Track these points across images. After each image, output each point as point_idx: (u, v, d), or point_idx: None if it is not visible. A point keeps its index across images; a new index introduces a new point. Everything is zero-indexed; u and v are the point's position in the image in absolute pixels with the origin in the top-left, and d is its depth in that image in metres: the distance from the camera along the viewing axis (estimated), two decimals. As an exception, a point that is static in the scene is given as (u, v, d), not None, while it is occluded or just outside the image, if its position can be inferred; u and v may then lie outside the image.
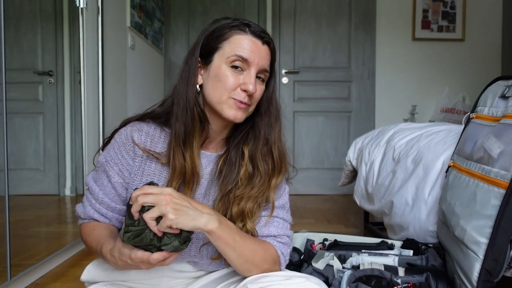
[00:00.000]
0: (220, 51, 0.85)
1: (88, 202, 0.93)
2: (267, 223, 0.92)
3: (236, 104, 0.84)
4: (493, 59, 3.75)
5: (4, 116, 1.43)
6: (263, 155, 0.91)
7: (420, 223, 1.48)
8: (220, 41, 0.85)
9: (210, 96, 0.86)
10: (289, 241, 0.95)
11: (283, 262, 0.91)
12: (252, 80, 0.84)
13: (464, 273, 1.01)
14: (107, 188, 0.91)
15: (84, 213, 0.93)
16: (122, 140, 0.91)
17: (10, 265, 1.44)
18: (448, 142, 1.53)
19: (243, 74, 0.85)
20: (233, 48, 0.84)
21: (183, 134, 0.85)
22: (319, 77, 3.73)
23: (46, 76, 1.98)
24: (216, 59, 0.86)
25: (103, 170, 0.92)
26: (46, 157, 1.99)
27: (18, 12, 1.74)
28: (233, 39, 0.85)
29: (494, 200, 0.93)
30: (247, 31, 0.85)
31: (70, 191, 2.17)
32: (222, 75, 0.84)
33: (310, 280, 0.81)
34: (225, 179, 0.90)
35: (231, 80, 0.84)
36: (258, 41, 0.86)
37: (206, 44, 0.87)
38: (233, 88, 0.84)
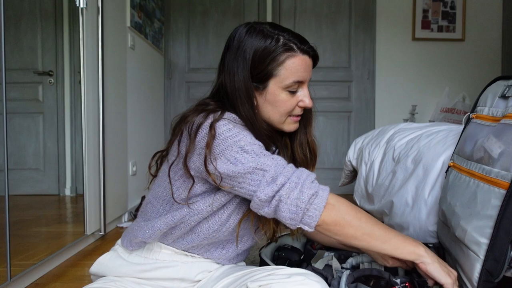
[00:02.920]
0: (276, 77, 0.88)
1: (282, 167, 0.80)
2: None
3: (294, 119, 0.93)
4: (493, 59, 3.75)
5: (4, 116, 1.43)
6: (302, 146, 0.99)
7: (420, 223, 1.48)
8: (274, 67, 0.87)
9: (269, 117, 0.92)
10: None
11: None
12: (307, 94, 0.91)
13: (465, 273, 1.01)
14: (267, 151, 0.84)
15: (301, 172, 0.82)
16: (235, 120, 0.85)
17: (10, 265, 1.44)
18: (448, 142, 1.53)
19: (297, 91, 0.90)
20: (289, 75, 0.88)
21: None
22: (319, 77, 3.73)
23: (46, 76, 1.99)
24: (272, 85, 0.88)
25: (258, 146, 0.82)
26: (46, 157, 1.99)
27: (18, 12, 1.74)
28: (287, 64, 0.88)
29: (495, 201, 0.93)
30: (297, 51, 0.89)
31: (70, 191, 2.17)
32: (280, 101, 0.89)
33: (310, 278, 0.81)
34: None
35: (290, 104, 0.90)
36: (307, 57, 0.90)
37: (259, 68, 0.87)
38: (292, 109, 0.91)
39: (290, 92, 0.89)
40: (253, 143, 0.82)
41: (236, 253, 1.01)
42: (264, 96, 0.89)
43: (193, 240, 0.93)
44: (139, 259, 0.97)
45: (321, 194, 0.79)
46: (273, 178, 0.78)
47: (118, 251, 1.00)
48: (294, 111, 0.92)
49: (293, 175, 0.79)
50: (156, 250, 0.97)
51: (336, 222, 0.79)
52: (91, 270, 0.99)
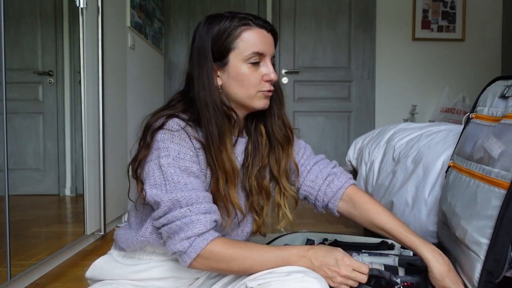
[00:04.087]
0: (235, 51, 0.89)
1: (194, 214, 0.81)
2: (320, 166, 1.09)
3: (264, 94, 0.92)
4: (493, 59, 3.75)
5: (4, 116, 1.42)
6: (279, 128, 1.00)
7: (420, 223, 1.48)
8: (231, 41, 0.89)
9: (237, 94, 0.92)
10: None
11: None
12: (271, 69, 0.91)
13: (465, 273, 1.01)
14: (195, 183, 0.84)
15: (205, 224, 0.81)
16: (180, 133, 0.85)
17: (10, 265, 1.44)
18: (448, 142, 1.53)
19: (260, 65, 0.91)
20: (248, 46, 0.89)
21: (217, 136, 0.88)
22: (319, 77, 3.73)
23: (46, 76, 1.99)
24: (232, 59, 0.89)
25: (177, 168, 0.82)
26: (46, 157, 1.99)
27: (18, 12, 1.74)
28: (244, 36, 0.89)
29: (495, 201, 0.93)
30: (252, 25, 0.90)
31: (70, 191, 2.17)
32: (243, 74, 0.90)
33: (308, 275, 0.81)
34: (253, 157, 1.00)
35: (255, 76, 0.90)
36: (264, 31, 0.91)
37: (217, 46, 0.89)
38: (258, 82, 0.91)
39: (252, 65, 0.90)
40: (174, 165, 0.83)
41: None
42: (227, 73, 0.90)
43: None
44: (133, 261, 0.97)
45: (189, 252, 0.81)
46: (164, 211, 0.83)
47: (113, 254, 1.01)
48: (261, 86, 0.92)
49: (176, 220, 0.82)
50: (149, 251, 0.96)
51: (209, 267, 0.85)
52: (87, 275, 1.00)
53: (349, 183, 1.08)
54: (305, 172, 1.08)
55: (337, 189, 1.06)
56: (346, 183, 1.07)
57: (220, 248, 0.82)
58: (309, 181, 1.08)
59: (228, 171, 0.89)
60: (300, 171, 1.08)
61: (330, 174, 1.09)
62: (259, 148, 1.00)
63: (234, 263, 0.82)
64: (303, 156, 1.10)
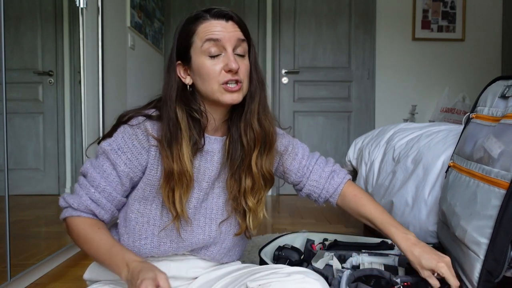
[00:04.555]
0: (193, 46, 0.87)
1: (84, 191, 0.89)
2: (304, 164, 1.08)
3: (227, 88, 0.86)
4: (493, 59, 3.75)
5: (4, 116, 1.43)
6: (245, 126, 0.93)
7: (420, 223, 1.48)
8: (189, 37, 0.88)
9: (203, 90, 0.89)
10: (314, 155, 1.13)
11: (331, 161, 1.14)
12: (231, 57, 0.85)
13: (465, 273, 1.01)
14: (110, 177, 0.89)
15: (79, 203, 0.89)
16: (134, 128, 0.89)
17: (10, 265, 1.44)
18: (448, 142, 1.53)
19: (221, 56, 0.86)
20: (202, 37, 0.86)
21: (168, 136, 0.86)
22: (319, 77, 3.73)
23: (46, 76, 1.98)
24: (193, 55, 0.88)
25: (107, 157, 0.89)
26: (46, 157, 1.99)
27: (18, 12, 1.74)
28: (199, 30, 0.87)
29: (495, 201, 0.93)
30: (208, 18, 0.87)
31: (70, 191, 2.17)
32: (203, 67, 0.86)
33: (309, 276, 0.81)
34: (232, 157, 0.94)
35: (213, 68, 0.86)
36: (221, 21, 0.87)
37: (180, 45, 0.89)
38: (218, 74, 0.86)
39: (211, 57, 0.86)
40: (108, 154, 0.88)
41: (223, 252, 1.00)
42: (192, 70, 0.89)
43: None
44: None
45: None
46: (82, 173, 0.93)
47: None
48: (222, 76, 0.86)
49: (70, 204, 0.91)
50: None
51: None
52: (85, 276, 1.00)
53: (346, 178, 1.11)
54: (307, 172, 1.09)
55: (337, 185, 1.09)
56: (344, 179, 1.10)
57: (75, 224, 0.89)
58: (313, 181, 1.09)
59: (175, 173, 0.86)
60: (303, 172, 1.09)
61: (332, 172, 1.11)
62: (237, 147, 0.94)
63: (79, 243, 0.90)
64: (303, 157, 1.09)
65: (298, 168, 1.08)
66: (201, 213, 0.96)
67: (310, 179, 1.09)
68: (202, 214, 0.96)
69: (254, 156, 0.94)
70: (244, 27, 0.90)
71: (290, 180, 1.11)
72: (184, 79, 0.91)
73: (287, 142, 1.07)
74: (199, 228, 0.95)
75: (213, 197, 0.97)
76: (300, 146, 1.11)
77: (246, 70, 0.90)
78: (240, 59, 0.88)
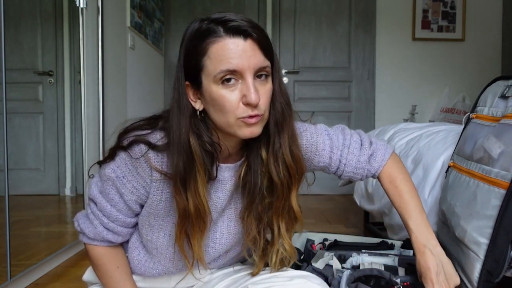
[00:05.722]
0: (205, 71, 0.73)
1: (98, 220, 0.85)
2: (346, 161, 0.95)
3: (245, 122, 0.73)
4: (493, 59, 3.74)
5: (4, 116, 1.43)
6: (276, 163, 0.80)
7: (420, 223, 1.48)
8: (199, 58, 0.73)
9: (217, 121, 0.76)
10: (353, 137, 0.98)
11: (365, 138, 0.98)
12: (252, 89, 0.71)
13: (465, 273, 1.01)
14: (119, 205, 0.83)
15: (95, 233, 0.86)
16: (137, 157, 0.78)
17: (10, 265, 1.44)
18: (448, 142, 1.53)
19: (239, 84, 0.72)
20: (215, 64, 0.71)
21: (182, 173, 0.75)
22: (319, 77, 3.73)
23: (46, 76, 1.98)
24: (204, 80, 0.73)
25: (113, 185, 0.82)
26: (46, 157, 1.99)
27: (18, 12, 1.74)
28: (211, 52, 0.71)
29: (495, 201, 0.93)
30: (221, 34, 0.71)
31: (70, 191, 2.17)
32: (217, 99, 0.72)
33: (311, 280, 0.81)
34: (250, 190, 0.82)
35: (230, 101, 0.72)
36: (238, 39, 0.71)
37: (189, 63, 0.75)
38: (235, 108, 0.72)
39: (226, 86, 0.71)
40: (113, 182, 0.81)
41: (229, 262, 0.98)
42: (204, 96, 0.75)
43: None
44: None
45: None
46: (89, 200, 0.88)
47: None
48: (240, 111, 0.72)
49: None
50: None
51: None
52: (84, 278, 0.99)
53: (385, 159, 0.97)
54: (342, 166, 0.96)
55: (375, 171, 0.97)
56: (382, 161, 0.97)
57: (94, 254, 0.88)
58: (349, 172, 0.97)
59: (191, 214, 0.77)
60: (336, 165, 0.96)
61: (369, 157, 0.97)
62: (255, 177, 0.81)
63: (97, 272, 0.90)
64: (332, 149, 0.94)
65: (329, 163, 0.95)
66: (210, 240, 0.89)
67: (345, 171, 0.97)
68: (212, 241, 0.89)
69: (293, 195, 0.83)
70: (266, 44, 0.74)
71: (326, 172, 1.00)
72: (194, 103, 0.77)
73: (309, 141, 0.92)
74: (207, 255, 0.90)
75: (221, 226, 0.88)
76: (326, 138, 0.94)
77: (268, 96, 0.75)
78: (261, 84, 0.74)
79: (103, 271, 0.89)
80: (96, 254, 0.88)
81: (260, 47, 0.73)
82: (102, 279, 0.90)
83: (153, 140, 0.78)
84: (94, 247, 0.88)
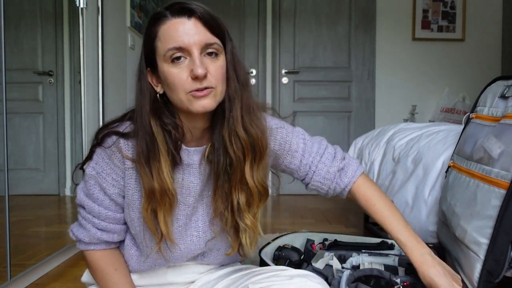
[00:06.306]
0: (157, 52, 0.78)
1: (89, 223, 0.88)
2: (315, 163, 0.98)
3: (194, 96, 0.76)
4: (493, 59, 3.74)
5: (4, 116, 1.43)
6: (229, 134, 0.81)
7: (420, 223, 1.48)
8: (152, 42, 0.78)
9: (173, 101, 0.80)
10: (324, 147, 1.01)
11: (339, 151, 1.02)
12: (197, 62, 0.74)
13: (465, 273, 1.01)
14: (105, 202, 0.87)
15: (90, 236, 0.88)
16: (108, 151, 0.84)
17: (10, 265, 1.44)
18: (448, 142, 1.53)
19: (187, 60, 0.76)
20: (164, 44, 0.76)
21: (146, 153, 0.79)
22: (319, 77, 3.73)
23: (46, 76, 1.99)
24: (158, 62, 0.78)
25: (96, 183, 0.86)
26: (46, 157, 1.99)
27: (18, 12, 1.74)
28: (160, 33, 0.77)
29: (495, 201, 0.93)
30: (168, 16, 0.76)
31: (70, 191, 2.17)
32: (168, 76, 0.77)
33: (311, 279, 0.81)
34: (215, 169, 0.85)
35: (178, 76, 0.76)
36: (183, 18, 0.76)
37: (146, 50, 0.81)
38: (184, 82, 0.76)
39: (175, 63, 0.75)
40: (95, 179, 0.86)
41: (221, 257, 0.98)
42: (160, 78, 0.80)
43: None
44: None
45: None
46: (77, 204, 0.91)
47: None
48: (188, 85, 0.75)
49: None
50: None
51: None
52: (83, 279, 1.00)
53: (356, 176, 0.99)
54: (310, 172, 0.98)
55: (344, 186, 0.99)
56: (353, 178, 0.99)
57: (92, 259, 0.90)
58: (317, 182, 0.99)
59: (156, 192, 0.80)
60: (305, 171, 0.98)
61: (339, 170, 0.99)
62: (219, 158, 0.84)
63: (95, 277, 0.91)
64: (304, 154, 0.97)
65: (299, 167, 0.98)
66: (192, 228, 0.90)
67: (313, 180, 0.99)
68: (194, 228, 0.90)
69: (248, 169, 0.83)
70: (213, 23, 0.78)
71: (294, 176, 1.01)
72: (156, 88, 0.82)
73: (283, 139, 0.95)
74: (192, 244, 0.91)
75: (201, 212, 0.90)
76: (300, 141, 0.97)
77: (220, 71, 0.78)
78: (211, 60, 0.77)
79: (101, 275, 0.90)
80: (94, 259, 0.90)
81: (205, 25, 0.77)
82: (101, 282, 0.90)
83: (121, 129, 0.83)
84: (91, 252, 0.90)
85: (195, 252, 0.92)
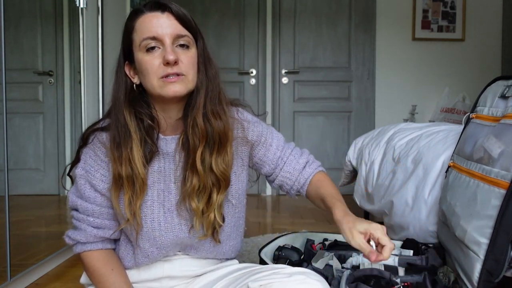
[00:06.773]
0: (134, 44, 0.86)
1: (84, 223, 0.91)
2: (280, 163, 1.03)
3: (165, 81, 0.82)
4: (493, 59, 3.75)
5: (4, 116, 1.43)
6: (190, 122, 0.87)
7: (420, 223, 1.48)
8: (130, 35, 0.86)
9: (147, 88, 0.86)
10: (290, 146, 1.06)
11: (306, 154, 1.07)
12: (169, 49, 0.82)
13: (465, 273, 1.01)
14: (97, 199, 0.90)
15: (86, 236, 0.90)
16: (91, 147, 0.89)
17: (10, 265, 1.44)
18: (448, 142, 1.53)
19: (160, 50, 0.83)
20: (140, 35, 0.84)
21: (117, 139, 0.85)
22: (319, 77, 3.73)
23: (46, 76, 1.99)
24: (135, 53, 0.86)
25: (86, 181, 0.90)
26: (46, 157, 1.99)
27: (18, 12, 1.74)
28: (137, 26, 0.85)
29: (495, 201, 0.93)
30: (144, 11, 0.85)
31: (70, 191, 2.17)
32: (142, 64, 0.84)
33: (311, 277, 0.81)
34: (186, 153, 0.89)
35: (151, 63, 0.83)
36: (157, 12, 0.84)
37: (124, 43, 0.88)
38: (156, 68, 0.82)
39: (149, 51, 0.83)
40: (85, 178, 0.89)
41: (214, 250, 0.98)
42: (136, 68, 0.87)
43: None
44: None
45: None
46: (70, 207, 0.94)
47: None
48: (160, 71, 0.82)
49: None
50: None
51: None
52: (81, 281, 1.00)
53: (318, 170, 1.05)
54: (281, 164, 1.03)
55: (308, 176, 1.04)
56: (316, 170, 1.05)
57: (89, 260, 0.92)
58: (286, 172, 1.03)
59: (123, 177, 0.84)
60: (277, 163, 1.03)
61: (305, 163, 1.05)
62: (187, 142, 0.88)
63: (93, 279, 0.92)
64: (278, 147, 1.02)
65: (272, 159, 1.02)
66: (174, 213, 0.92)
67: (283, 170, 1.03)
68: (175, 214, 0.93)
69: (199, 153, 0.87)
70: (185, 18, 0.86)
71: (263, 171, 1.05)
72: (133, 79, 0.89)
73: (260, 132, 0.99)
74: (181, 231, 0.93)
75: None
76: (275, 137, 1.03)
77: (191, 61, 0.85)
78: (182, 51, 0.84)
79: (98, 276, 0.91)
80: (91, 260, 0.91)
81: (177, 19, 0.85)
82: (98, 284, 0.91)
83: (100, 125, 0.90)
84: (88, 254, 0.91)
85: (179, 235, 0.92)
